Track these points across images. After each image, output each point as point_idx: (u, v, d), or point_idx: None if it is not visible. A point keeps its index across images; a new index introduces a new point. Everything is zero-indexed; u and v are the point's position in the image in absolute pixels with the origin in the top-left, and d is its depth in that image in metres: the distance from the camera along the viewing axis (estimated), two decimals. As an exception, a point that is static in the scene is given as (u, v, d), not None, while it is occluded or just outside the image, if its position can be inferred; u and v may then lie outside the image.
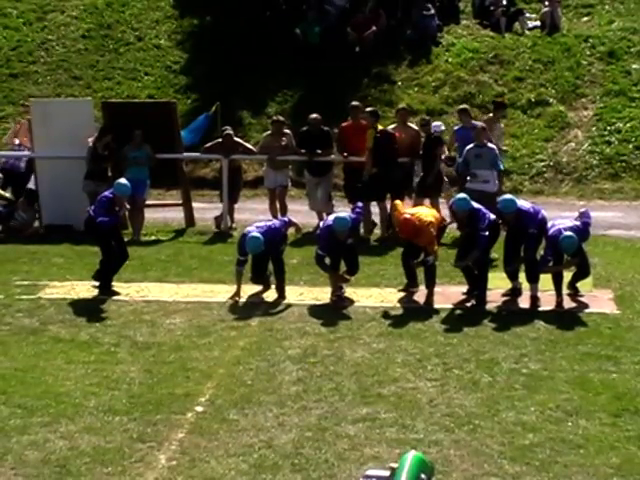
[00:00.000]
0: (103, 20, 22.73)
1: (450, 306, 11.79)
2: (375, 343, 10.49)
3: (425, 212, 12.23)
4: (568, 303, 12.25)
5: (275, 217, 14.67)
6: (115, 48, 22.17)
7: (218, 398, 9.30)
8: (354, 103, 15.74)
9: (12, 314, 12.36)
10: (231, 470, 7.85)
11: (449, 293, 12.06)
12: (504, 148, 16.10)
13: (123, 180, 13.20)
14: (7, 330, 11.93)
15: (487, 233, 11.76)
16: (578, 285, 12.42)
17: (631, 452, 7.99)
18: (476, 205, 11.88)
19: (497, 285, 12.13)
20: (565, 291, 12.00)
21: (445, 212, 13.33)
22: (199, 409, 9.16)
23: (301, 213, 15.48)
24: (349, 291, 12.16)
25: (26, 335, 11.70)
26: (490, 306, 11.69)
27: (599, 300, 12.34)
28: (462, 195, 12.24)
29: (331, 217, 12.47)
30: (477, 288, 11.86)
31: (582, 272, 12.16)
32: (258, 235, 11.88)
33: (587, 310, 12.07)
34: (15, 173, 16.92)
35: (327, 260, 12.10)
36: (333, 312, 11.71)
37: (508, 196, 12.57)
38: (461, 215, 12.02)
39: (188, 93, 20.97)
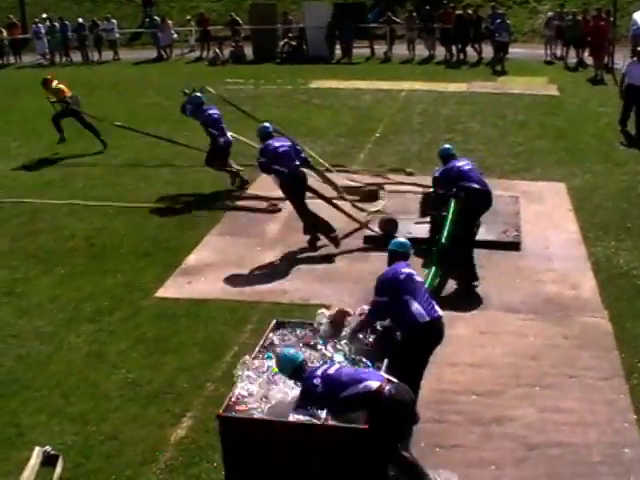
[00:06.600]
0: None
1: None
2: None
3: None
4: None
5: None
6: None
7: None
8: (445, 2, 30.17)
9: (295, 95, 21.50)
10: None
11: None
12: None
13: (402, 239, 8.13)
14: (287, 100, 20.54)
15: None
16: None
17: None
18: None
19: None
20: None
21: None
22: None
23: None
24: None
25: (288, 99, 20.73)
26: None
27: (551, 88, 21.58)
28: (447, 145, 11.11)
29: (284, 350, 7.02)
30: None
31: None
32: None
33: (541, 93, 19.99)
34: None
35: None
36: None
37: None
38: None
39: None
